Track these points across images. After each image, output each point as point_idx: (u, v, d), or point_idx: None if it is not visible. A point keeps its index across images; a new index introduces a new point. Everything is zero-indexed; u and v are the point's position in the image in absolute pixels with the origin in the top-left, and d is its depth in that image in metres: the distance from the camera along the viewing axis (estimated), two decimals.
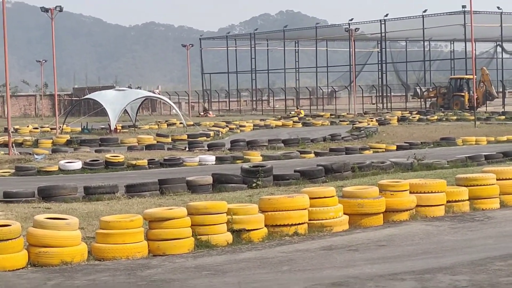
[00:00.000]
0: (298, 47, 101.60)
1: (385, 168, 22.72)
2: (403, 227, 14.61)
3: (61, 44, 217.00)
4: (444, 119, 57.24)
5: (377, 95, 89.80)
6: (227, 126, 51.96)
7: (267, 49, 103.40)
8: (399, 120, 55.71)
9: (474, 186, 16.43)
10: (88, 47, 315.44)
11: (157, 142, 38.81)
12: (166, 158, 29.05)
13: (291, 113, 74.11)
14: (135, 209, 15.43)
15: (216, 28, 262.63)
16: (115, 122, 50.04)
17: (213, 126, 51.92)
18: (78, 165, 27.02)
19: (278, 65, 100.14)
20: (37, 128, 53.22)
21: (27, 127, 54.00)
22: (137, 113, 58.48)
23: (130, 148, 35.08)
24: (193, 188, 19.42)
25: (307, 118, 63.47)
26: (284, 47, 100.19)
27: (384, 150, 32.73)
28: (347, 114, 68.72)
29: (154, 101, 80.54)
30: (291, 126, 54.92)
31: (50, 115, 75.66)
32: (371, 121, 54.28)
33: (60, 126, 51.66)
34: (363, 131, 41.70)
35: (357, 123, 51.62)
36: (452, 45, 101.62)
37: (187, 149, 34.90)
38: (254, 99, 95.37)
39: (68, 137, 42.58)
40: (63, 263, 11.69)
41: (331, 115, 67.78)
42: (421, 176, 19.07)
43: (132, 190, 19.04)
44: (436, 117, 58.11)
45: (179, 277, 10.98)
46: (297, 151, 31.95)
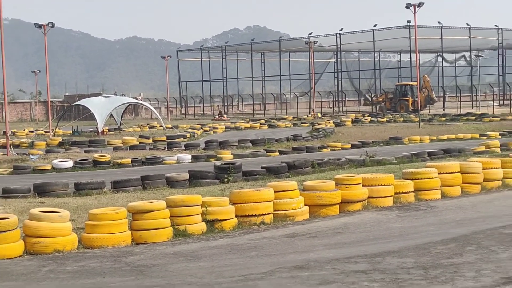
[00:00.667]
0: (264, 58, 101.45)
1: (340, 164, 22.70)
2: (356, 216, 14.64)
3: (54, 57, 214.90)
4: (392, 120, 57.34)
5: (334, 100, 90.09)
6: (201, 128, 51.82)
7: (237, 60, 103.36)
8: (353, 122, 55.74)
9: (418, 179, 16.53)
10: (77, 58, 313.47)
11: (139, 143, 38.56)
12: (147, 157, 28.90)
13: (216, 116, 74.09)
14: (120, 202, 15.34)
15: (191, 41, 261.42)
16: (102, 125, 49.85)
17: (189, 128, 51.80)
18: (69, 164, 26.83)
19: (247, 74, 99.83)
20: (32, 131, 52.69)
21: (24, 130, 53.40)
22: (121, 117, 58.41)
23: (116, 149, 34.87)
24: (171, 183, 19.34)
25: (272, 121, 63.45)
26: (252, 58, 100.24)
27: (340, 148, 32.71)
28: (307, 116, 68.69)
29: (137, 106, 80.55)
30: (258, 128, 54.84)
31: (44, 120, 75.06)
32: (329, 123, 54.26)
33: (53, 130, 51.20)
34: (321, 132, 41.70)
35: (316, 124, 51.59)
36: (399, 55, 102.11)
37: (166, 149, 34.77)
38: (226, 104, 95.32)
39: (60, 139, 42.24)
40: (55, 251, 11.66)
41: (293, 118, 67.63)
42: (372, 171, 19.11)
43: (118, 185, 18.90)
44: (385, 119, 58.28)
45: (159, 262, 10.94)
46: (263, 150, 31.87)
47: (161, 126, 54.96)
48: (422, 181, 16.56)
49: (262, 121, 62.10)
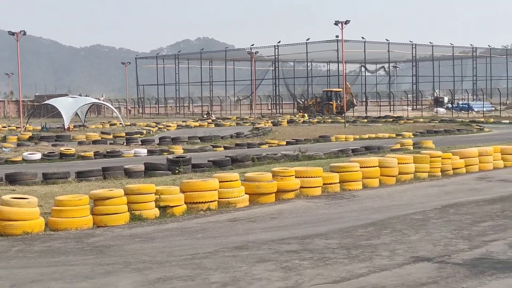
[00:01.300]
0: (212, 65, 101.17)
1: (277, 159, 22.72)
2: (290, 204, 14.71)
3: (25, 61, 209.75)
4: (322, 121, 57.49)
5: (272, 103, 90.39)
6: (156, 126, 51.25)
7: (188, 67, 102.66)
8: (288, 122, 55.73)
9: (343, 172, 16.66)
10: (46, 63, 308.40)
11: (101, 138, 37.92)
12: (108, 151, 28.50)
13: (204, 116, 73.86)
14: (83, 190, 15.11)
15: (148, 49, 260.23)
16: (68, 122, 49.03)
17: (145, 126, 51.15)
18: (38, 156, 26.30)
19: (196, 79, 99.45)
20: (5, 127, 51.56)
21: None
22: (85, 115, 57.43)
23: (80, 143, 34.29)
24: (129, 174, 19.10)
25: (218, 120, 63.29)
26: (201, 66, 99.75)
27: (276, 145, 32.72)
28: (249, 117, 68.75)
29: (99, 106, 79.26)
30: (206, 126, 54.51)
31: (15, 117, 73.29)
32: (267, 123, 54.25)
33: (24, 126, 50.29)
34: (261, 131, 41.68)
35: (257, 124, 51.67)
36: (328, 65, 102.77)
37: (125, 143, 34.38)
38: (178, 105, 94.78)
39: (30, 134, 41.29)
40: (24, 233, 11.47)
41: (237, 118, 67.57)
42: (304, 165, 19.18)
43: (81, 176, 18.63)
44: (316, 120, 58.49)
45: (117, 243, 10.85)
46: (210, 145, 31.71)
47: (120, 123, 54.19)
48: (346, 174, 16.69)
49: (209, 121, 61.93)
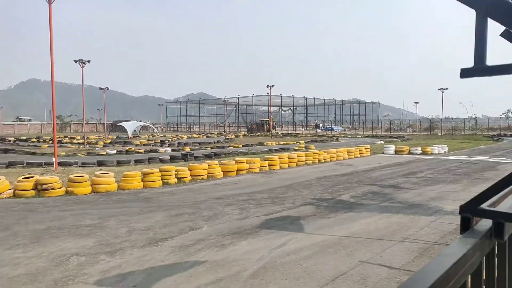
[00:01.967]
0: (204, 106, 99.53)
1: (237, 154, 22.19)
2: (244, 176, 14.43)
3: (105, 101, 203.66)
4: (259, 135, 57.03)
5: (236, 126, 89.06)
6: (176, 137, 48.64)
7: (193, 107, 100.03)
8: (243, 136, 54.61)
9: (270, 160, 16.48)
10: (118, 105, 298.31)
11: (147, 142, 36.13)
12: (151, 149, 27.56)
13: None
14: (137, 169, 14.42)
15: (172, 97, 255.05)
16: (130, 134, 46.69)
17: (170, 137, 48.69)
18: (114, 151, 25.06)
19: (196, 113, 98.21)
20: (97, 136, 48.47)
21: (93, 136, 49.25)
22: (139, 131, 55.54)
23: (136, 145, 32.83)
24: (162, 161, 18.26)
25: (207, 134, 61.65)
26: (199, 106, 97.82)
27: (237, 146, 31.32)
28: (223, 133, 67.00)
29: (147, 126, 72.67)
30: (201, 137, 52.60)
31: (102, 131, 70.28)
32: (232, 136, 52.38)
33: (107, 136, 48.05)
34: (229, 139, 40.24)
35: (227, 136, 49.85)
36: (263, 108, 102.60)
37: (160, 146, 33.24)
38: (187, 126, 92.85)
39: (110, 140, 39.10)
40: (106, 191, 10.99)
41: (217, 133, 65.03)
42: (250, 156, 19.01)
43: (137, 162, 17.84)
44: (257, 134, 57.42)
45: (154, 196, 10.39)
46: (203, 146, 30.54)
47: (157, 135, 53.04)
48: (271, 161, 16.56)
49: (202, 135, 60.71)
